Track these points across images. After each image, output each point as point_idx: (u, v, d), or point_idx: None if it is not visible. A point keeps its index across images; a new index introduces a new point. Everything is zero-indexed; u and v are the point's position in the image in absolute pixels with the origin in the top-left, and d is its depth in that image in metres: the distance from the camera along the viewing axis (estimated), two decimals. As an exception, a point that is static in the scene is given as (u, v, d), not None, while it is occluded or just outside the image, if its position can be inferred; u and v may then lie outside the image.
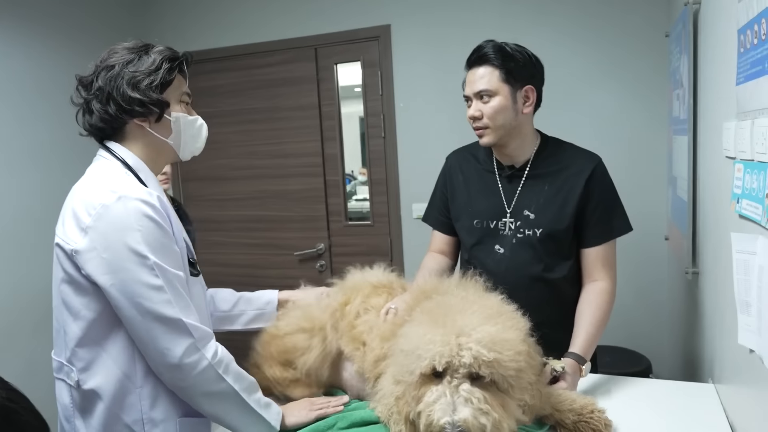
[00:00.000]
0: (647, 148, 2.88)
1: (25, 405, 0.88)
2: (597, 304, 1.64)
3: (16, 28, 2.94)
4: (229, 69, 3.68)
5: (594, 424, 1.35)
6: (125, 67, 1.32)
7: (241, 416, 1.33)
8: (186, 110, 1.43)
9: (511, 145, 1.71)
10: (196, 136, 1.47)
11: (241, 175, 3.77)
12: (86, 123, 1.37)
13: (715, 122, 1.58)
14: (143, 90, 1.31)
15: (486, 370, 1.13)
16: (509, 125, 1.66)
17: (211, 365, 1.26)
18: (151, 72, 1.32)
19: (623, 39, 2.86)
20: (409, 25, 3.25)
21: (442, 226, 1.92)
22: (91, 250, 1.22)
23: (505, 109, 1.64)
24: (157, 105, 1.33)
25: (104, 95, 1.31)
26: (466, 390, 1.12)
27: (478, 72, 1.66)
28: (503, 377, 1.15)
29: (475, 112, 1.66)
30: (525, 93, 1.68)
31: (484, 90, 1.64)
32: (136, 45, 1.37)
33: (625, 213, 1.72)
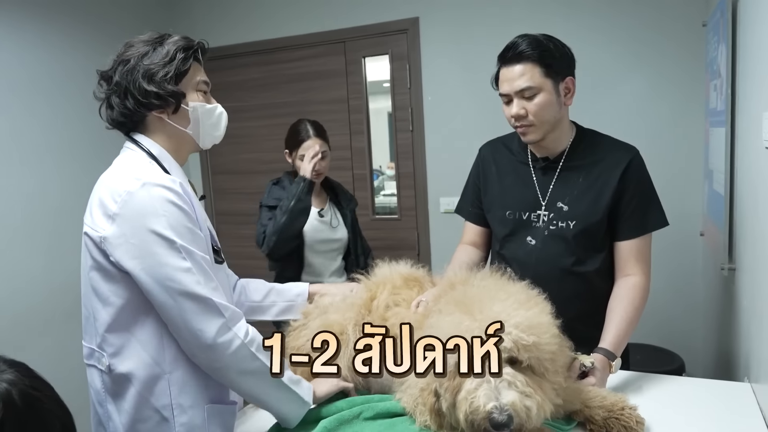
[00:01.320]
0: (682, 140, 2.81)
1: (48, 393, 0.89)
2: (629, 299, 1.60)
3: (44, 22, 3.02)
4: (259, 63, 3.71)
5: (625, 420, 1.32)
6: (140, 60, 1.33)
7: (276, 392, 1.34)
8: (204, 99, 1.44)
9: (550, 138, 1.68)
10: (215, 124, 1.47)
11: (271, 169, 3.79)
12: (108, 117, 1.39)
13: (755, 113, 1.53)
14: (158, 82, 1.32)
15: (525, 354, 1.12)
16: (554, 120, 1.63)
17: (244, 344, 1.28)
18: (166, 63, 1.34)
19: (659, 29, 2.79)
20: (437, 18, 3.23)
21: (474, 218, 1.90)
22: (119, 236, 1.24)
23: (550, 104, 1.60)
24: (173, 96, 1.35)
25: (122, 90, 1.33)
26: (510, 374, 1.11)
27: (515, 70, 1.61)
28: (540, 361, 1.14)
29: (520, 110, 1.61)
30: (566, 85, 1.64)
31: (527, 88, 1.59)
32: (151, 37, 1.38)
33: (661, 207, 1.67)
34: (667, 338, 2.85)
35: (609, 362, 1.50)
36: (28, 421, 0.84)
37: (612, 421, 1.33)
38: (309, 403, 1.38)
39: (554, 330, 1.21)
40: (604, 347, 1.52)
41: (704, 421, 1.39)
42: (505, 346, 1.11)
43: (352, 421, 1.41)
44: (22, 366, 0.90)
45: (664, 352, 2.73)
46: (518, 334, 1.12)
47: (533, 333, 1.14)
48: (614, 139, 1.73)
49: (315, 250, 2.56)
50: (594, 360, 1.46)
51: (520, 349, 1.12)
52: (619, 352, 1.54)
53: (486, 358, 1.12)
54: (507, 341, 1.11)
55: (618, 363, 1.52)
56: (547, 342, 1.16)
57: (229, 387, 1.33)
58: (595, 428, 1.35)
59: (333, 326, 1.53)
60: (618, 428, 1.32)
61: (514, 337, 1.12)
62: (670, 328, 2.89)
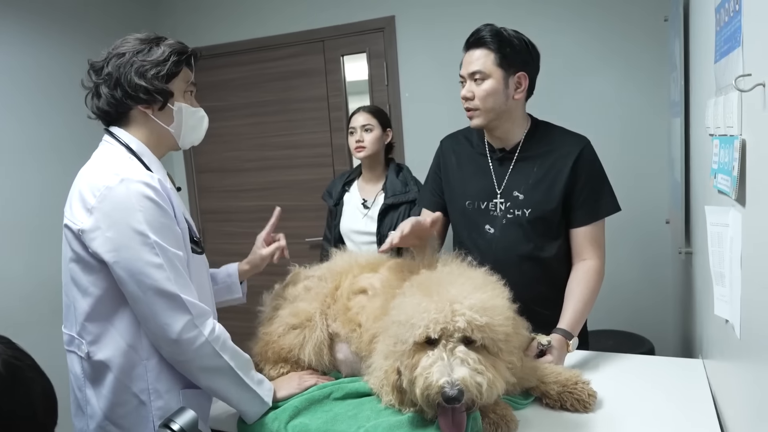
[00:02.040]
0: (648, 133, 2.90)
1: (29, 363, 0.96)
2: (585, 282, 1.68)
3: (27, 23, 3.05)
4: (240, 63, 3.77)
5: (578, 394, 1.40)
6: (135, 56, 1.39)
7: (236, 391, 1.41)
8: (189, 101, 1.50)
9: (501, 129, 1.76)
10: (196, 126, 1.53)
11: (253, 167, 3.86)
12: (94, 106, 1.45)
13: (702, 102, 1.61)
14: (149, 79, 1.39)
15: (478, 334, 1.19)
16: (499, 109, 1.70)
17: (208, 341, 1.34)
18: (159, 63, 1.40)
19: (623, 25, 2.88)
20: (413, 16, 3.30)
21: (432, 205, 1.96)
22: (96, 229, 1.30)
23: (496, 92, 1.68)
24: (162, 94, 1.41)
25: (112, 80, 1.39)
26: (462, 352, 1.19)
27: (474, 54, 1.71)
28: (493, 341, 1.21)
29: (467, 92, 1.71)
30: (517, 79, 1.71)
31: (478, 71, 1.68)
32: (148, 37, 1.44)
33: (612, 193, 1.75)
34: (639, 324, 2.94)
35: (566, 341, 1.58)
36: (11, 387, 0.91)
37: (566, 395, 1.41)
38: (268, 404, 1.45)
39: (508, 313, 1.28)
40: (561, 327, 1.60)
41: (655, 394, 1.47)
42: (459, 326, 1.18)
43: (323, 401, 1.49)
44: (5, 339, 0.98)
45: (635, 337, 2.82)
46: (472, 315, 1.19)
47: (486, 314, 1.20)
48: (566, 130, 1.80)
49: (352, 240, 2.50)
50: (551, 339, 1.54)
51: (473, 329, 1.19)
52: (576, 332, 1.62)
53: (441, 338, 1.20)
54: (461, 321, 1.18)
55: (575, 342, 1.60)
56: (500, 323, 1.23)
57: (193, 380, 1.39)
58: (551, 402, 1.43)
59: (301, 313, 1.61)
60: (571, 401, 1.40)
61: (467, 318, 1.19)
62: (640, 314, 2.98)
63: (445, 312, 1.21)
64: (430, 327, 1.20)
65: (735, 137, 1.10)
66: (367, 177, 2.54)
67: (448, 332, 1.20)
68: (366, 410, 1.41)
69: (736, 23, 1.09)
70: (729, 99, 1.16)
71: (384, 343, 1.39)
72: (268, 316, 1.70)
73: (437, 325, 1.20)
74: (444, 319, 1.20)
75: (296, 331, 1.60)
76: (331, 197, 2.56)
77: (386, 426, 1.31)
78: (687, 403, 1.42)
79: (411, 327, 1.24)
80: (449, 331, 1.20)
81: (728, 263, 1.18)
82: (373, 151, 2.47)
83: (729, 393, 1.29)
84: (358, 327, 1.58)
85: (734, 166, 1.09)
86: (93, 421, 1.40)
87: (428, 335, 1.21)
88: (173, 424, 1.02)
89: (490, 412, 1.31)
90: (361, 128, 2.45)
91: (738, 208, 1.08)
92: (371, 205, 2.51)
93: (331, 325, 1.61)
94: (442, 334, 1.21)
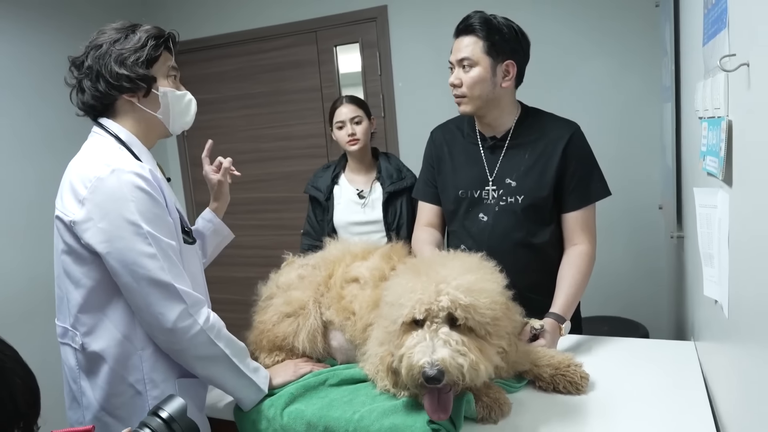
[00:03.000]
0: (641, 119, 2.91)
1: (9, 354, 0.96)
2: (577, 266, 1.69)
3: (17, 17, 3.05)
4: (233, 55, 3.76)
5: (570, 376, 1.42)
6: (112, 45, 1.38)
7: (232, 379, 1.41)
8: (174, 85, 1.49)
9: (490, 116, 1.76)
10: (184, 111, 1.53)
11: (248, 159, 3.85)
12: (79, 102, 1.44)
13: (692, 85, 1.61)
14: (130, 66, 1.38)
15: (462, 314, 1.19)
16: (486, 96, 1.71)
17: (203, 330, 1.34)
18: (137, 49, 1.39)
19: (615, 10, 2.88)
20: (405, 5, 3.29)
21: (431, 197, 1.97)
22: (88, 220, 1.30)
23: (483, 80, 1.69)
24: (144, 80, 1.40)
25: (93, 73, 1.38)
26: (445, 333, 1.19)
27: (464, 41, 1.71)
28: (480, 323, 1.21)
29: (455, 79, 1.71)
30: (505, 67, 1.71)
31: (466, 58, 1.68)
32: (123, 25, 1.43)
33: (603, 178, 1.76)
34: (633, 309, 2.96)
35: (559, 325, 1.59)
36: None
37: (558, 377, 1.42)
38: (264, 391, 1.46)
39: (497, 297, 1.27)
40: (554, 311, 1.62)
41: (646, 376, 1.48)
42: (443, 305, 1.19)
43: (318, 388, 1.50)
44: None
45: (629, 323, 2.84)
46: (456, 294, 1.20)
47: (472, 295, 1.20)
48: (556, 116, 1.81)
49: (349, 232, 2.49)
50: (544, 323, 1.55)
51: (457, 308, 1.19)
52: (569, 316, 1.63)
53: (426, 319, 1.21)
54: (444, 300, 1.19)
55: (567, 326, 1.62)
56: (487, 306, 1.22)
57: (189, 369, 1.40)
58: (544, 385, 1.44)
59: (294, 302, 1.61)
60: (564, 384, 1.41)
61: (452, 297, 1.19)
62: (635, 300, 3.00)
63: (429, 292, 1.22)
64: (416, 307, 1.22)
65: (722, 118, 1.11)
66: (356, 168, 2.53)
67: (433, 313, 1.21)
68: (361, 396, 1.43)
69: (723, 5, 1.10)
70: (716, 81, 1.17)
71: (378, 329, 1.40)
72: (262, 305, 1.71)
73: (422, 305, 1.21)
74: (428, 300, 1.21)
75: (290, 319, 1.61)
76: (321, 191, 2.54)
77: (381, 411, 1.33)
78: (678, 384, 1.43)
79: (399, 307, 1.25)
80: (434, 311, 1.21)
81: (717, 244, 1.19)
82: (366, 142, 2.48)
83: (719, 373, 1.31)
84: (352, 315, 1.58)
85: (721, 147, 1.10)
86: (89, 412, 1.40)
87: (414, 316, 1.22)
88: (162, 412, 1.03)
89: (483, 395, 1.33)
90: (351, 121, 2.44)
91: (725, 188, 1.09)
92: (367, 195, 2.51)
93: (325, 313, 1.62)
94: (427, 314, 1.21)
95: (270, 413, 1.43)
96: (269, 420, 1.42)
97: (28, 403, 0.98)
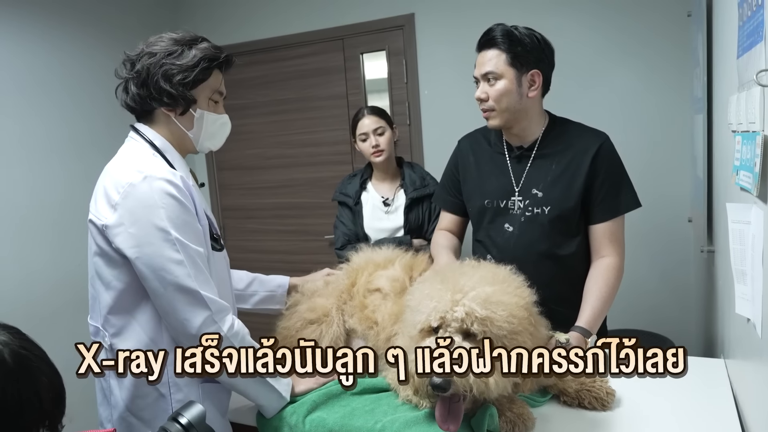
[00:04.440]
0: (671, 129, 2.86)
1: (37, 353, 0.99)
2: (604, 279, 1.67)
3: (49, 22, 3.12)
4: (261, 61, 3.80)
5: (596, 392, 1.40)
6: (165, 57, 1.40)
7: (255, 386, 1.42)
8: (213, 108, 1.52)
9: (518, 127, 1.75)
10: (216, 133, 1.55)
11: (274, 164, 3.89)
12: (122, 100, 1.48)
13: (724, 98, 1.58)
14: (174, 84, 1.40)
15: (478, 327, 1.18)
16: (514, 108, 1.70)
17: (227, 337, 1.36)
18: (187, 68, 1.41)
19: (646, 19, 2.84)
20: (432, 13, 3.29)
21: (451, 206, 1.97)
22: (120, 225, 1.33)
23: (509, 92, 1.68)
24: (185, 100, 1.43)
25: (140, 79, 1.41)
26: (458, 343, 1.18)
27: (487, 55, 1.71)
28: (496, 336, 1.20)
29: (481, 94, 1.71)
30: (531, 77, 1.70)
31: (490, 72, 1.68)
32: (183, 38, 1.45)
33: (632, 189, 1.73)
34: (660, 324, 2.90)
35: (584, 339, 1.57)
36: (18, 378, 0.94)
37: (584, 392, 1.40)
38: (286, 399, 1.47)
39: (516, 311, 1.24)
40: (580, 325, 1.59)
41: (675, 393, 1.45)
42: (457, 316, 1.18)
43: (340, 396, 1.50)
44: (14, 329, 1.01)
45: (655, 337, 2.78)
46: (471, 306, 1.18)
47: (489, 308, 1.19)
48: (584, 126, 1.79)
49: (373, 239, 2.51)
50: (570, 337, 1.53)
51: (473, 322, 1.18)
52: (595, 330, 1.61)
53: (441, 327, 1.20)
54: (459, 311, 1.18)
55: (593, 340, 1.59)
56: (504, 320, 1.20)
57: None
58: (568, 400, 1.42)
59: (318, 309, 1.62)
60: (589, 399, 1.39)
61: (467, 309, 1.18)
62: (662, 314, 2.94)
63: (445, 301, 1.21)
64: (432, 315, 1.21)
65: (757, 133, 1.08)
66: (381, 176, 2.56)
67: (447, 322, 1.20)
68: (383, 405, 1.43)
69: (759, 17, 1.07)
70: (751, 95, 1.14)
71: (402, 337, 1.40)
72: (286, 311, 1.72)
73: (437, 313, 1.21)
74: (444, 308, 1.21)
75: (313, 326, 1.62)
76: (350, 196, 2.57)
77: (403, 421, 1.32)
78: (707, 402, 1.40)
79: (418, 313, 1.26)
80: (448, 320, 1.20)
81: (750, 261, 1.17)
82: (390, 152, 2.51)
83: (750, 393, 1.27)
84: (375, 324, 1.59)
85: (756, 162, 1.08)
86: (116, 411, 1.43)
87: (430, 323, 1.22)
88: (181, 418, 1.05)
89: (506, 410, 1.31)
90: (374, 132, 2.47)
91: (760, 204, 1.06)
92: (392, 202, 2.53)
93: (348, 321, 1.63)
94: (442, 322, 1.21)
95: (292, 420, 1.44)
96: (291, 427, 1.43)
97: (53, 401, 1.00)
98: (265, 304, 1.81)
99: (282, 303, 1.81)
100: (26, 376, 0.95)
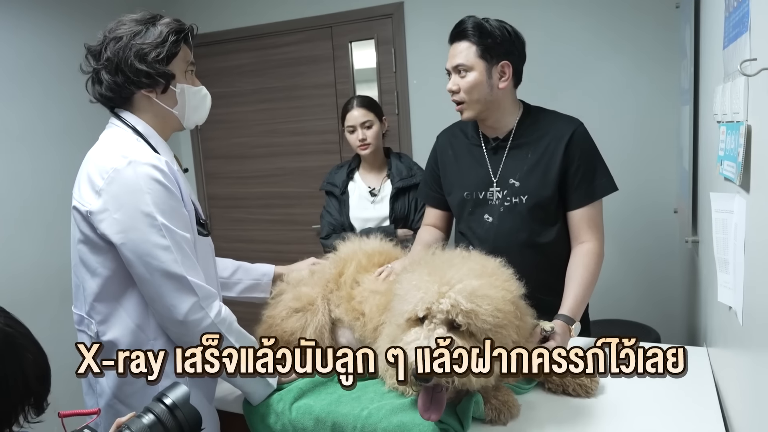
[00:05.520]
0: (658, 121, 2.88)
1: (21, 331, 0.98)
2: (584, 265, 1.68)
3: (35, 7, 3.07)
4: (248, 49, 3.77)
5: (580, 379, 1.41)
6: (132, 39, 1.38)
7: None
8: (191, 80, 1.50)
9: (492, 118, 1.77)
10: (198, 106, 1.53)
11: (261, 153, 3.87)
12: (96, 92, 1.44)
13: (710, 89, 1.60)
14: (150, 62, 1.38)
15: (463, 320, 1.19)
16: (485, 100, 1.71)
17: (214, 323, 1.35)
18: (158, 45, 1.39)
19: (635, 11, 2.85)
20: (421, 2, 3.28)
21: (434, 201, 1.99)
22: (104, 210, 1.31)
23: (479, 84, 1.69)
24: (164, 77, 1.40)
25: (113, 66, 1.38)
26: (441, 334, 1.19)
27: (458, 47, 1.72)
28: (481, 330, 1.20)
29: (453, 86, 1.72)
30: (501, 68, 1.71)
31: (461, 65, 1.70)
32: (143, 17, 1.43)
33: (608, 173, 1.74)
34: (645, 314, 2.94)
35: (568, 327, 1.58)
36: (2, 355, 0.94)
37: (568, 380, 1.42)
38: (273, 386, 1.47)
39: (502, 305, 1.25)
40: (563, 313, 1.61)
41: (658, 381, 1.45)
42: (442, 308, 1.19)
43: (327, 383, 1.51)
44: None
45: (641, 327, 2.82)
46: (457, 299, 1.19)
47: (474, 301, 1.19)
48: (558, 114, 1.80)
49: (367, 228, 2.51)
50: (554, 325, 1.55)
51: (458, 314, 1.19)
52: (578, 317, 1.62)
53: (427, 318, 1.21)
54: (444, 303, 1.19)
55: (577, 327, 1.61)
56: (489, 314, 1.21)
57: None
58: (553, 387, 1.44)
59: (303, 298, 1.62)
60: (573, 386, 1.41)
61: (452, 301, 1.19)
62: (647, 304, 2.97)
63: (432, 292, 1.22)
64: (418, 305, 1.22)
65: (741, 123, 1.10)
66: (369, 167, 2.57)
67: (433, 313, 1.21)
68: (370, 393, 1.43)
69: (745, 8, 1.08)
70: (736, 85, 1.15)
71: (390, 326, 1.41)
72: (271, 300, 1.72)
73: (423, 303, 1.22)
74: (430, 299, 1.21)
75: (298, 315, 1.62)
76: (336, 186, 2.57)
77: (389, 408, 1.33)
78: (690, 389, 1.42)
79: (405, 303, 1.26)
80: (433, 312, 1.21)
81: (732, 250, 1.18)
82: (377, 145, 2.51)
83: (731, 380, 1.29)
84: (362, 316, 1.59)
85: (739, 152, 1.09)
86: (102, 399, 1.42)
87: (416, 313, 1.22)
88: (166, 398, 1.05)
89: (492, 397, 1.33)
90: (362, 126, 2.46)
91: (742, 194, 1.08)
92: (378, 192, 2.53)
93: (334, 311, 1.63)
94: (428, 313, 1.22)
95: (279, 408, 1.44)
96: (278, 414, 1.43)
97: (38, 379, 1.00)
98: (250, 292, 1.80)
99: (267, 292, 1.80)
100: (11, 353, 0.95)
